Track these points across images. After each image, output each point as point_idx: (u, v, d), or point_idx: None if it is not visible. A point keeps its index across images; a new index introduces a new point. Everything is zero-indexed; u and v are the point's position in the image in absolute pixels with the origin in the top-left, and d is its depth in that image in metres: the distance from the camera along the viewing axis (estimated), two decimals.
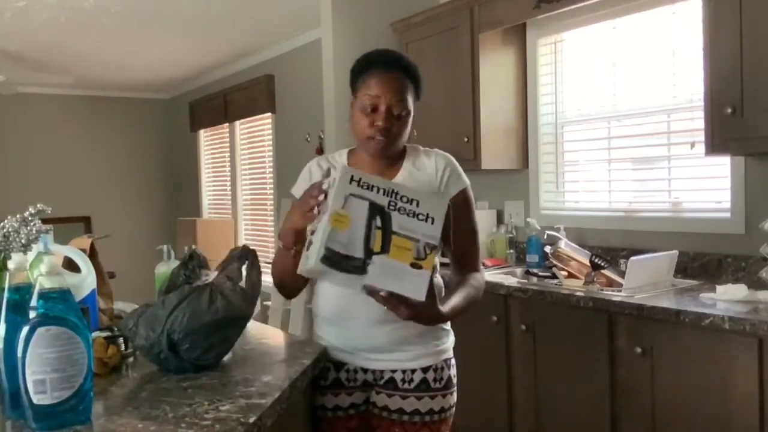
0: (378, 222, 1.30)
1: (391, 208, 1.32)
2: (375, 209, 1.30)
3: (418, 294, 1.31)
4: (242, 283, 1.47)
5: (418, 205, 1.33)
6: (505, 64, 3.27)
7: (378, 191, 1.32)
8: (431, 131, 3.45)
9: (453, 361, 1.67)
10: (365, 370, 1.61)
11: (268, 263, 1.72)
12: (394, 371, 1.59)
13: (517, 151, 3.32)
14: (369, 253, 1.29)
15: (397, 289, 1.30)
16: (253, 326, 1.78)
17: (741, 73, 2.16)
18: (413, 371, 1.59)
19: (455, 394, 1.66)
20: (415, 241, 1.32)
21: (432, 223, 1.33)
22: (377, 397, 1.62)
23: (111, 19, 4.40)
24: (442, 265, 1.70)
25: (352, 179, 1.30)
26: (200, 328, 1.36)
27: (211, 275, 1.51)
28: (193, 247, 1.68)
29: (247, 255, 1.52)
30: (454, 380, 1.66)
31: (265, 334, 1.85)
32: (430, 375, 1.60)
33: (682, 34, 2.68)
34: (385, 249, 1.30)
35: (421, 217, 1.33)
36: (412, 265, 1.31)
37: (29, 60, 5.52)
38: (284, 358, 1.64)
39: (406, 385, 1.58)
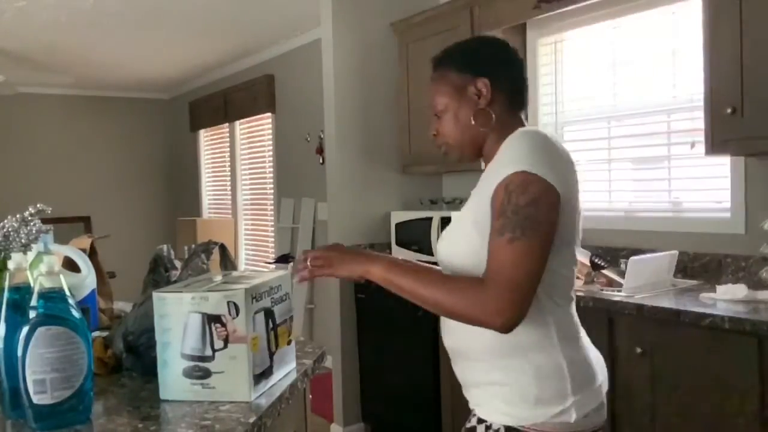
0: (270, 325, 1.30)
1: (274, 304, 1.32)
2: (268, 315, 1.29)
3: (293, 362, 1.41)
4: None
5: (279, 289, 1.35)
6: None
7: (264, 295, 1.29)
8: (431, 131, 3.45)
9: None
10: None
11: (269, 263, 1.72)
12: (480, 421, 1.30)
13: None
14: (271, 356, 1.30)
15: (284, 371, 1.36)
16: None
17: (741, 73, 2.15)
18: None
19: None
20: (287, 323, 1.37)
21: (288, 298, 1.38)
22: None
23: (111, 19, 4.40)
24: None
25: (252, 299, 1.23)
26: (152, 326, 1.29)
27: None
28: (158, 248, 1.68)
29: (210, 249, 1.52)
30: None
31: None
32: None
33: (682, 34, 2.68)
34: (278, 345, 1.33)
35: (284, 298, 1.37)
36: (288, 343, 1.39)
37: (29, 60, 5.52)
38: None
39: None
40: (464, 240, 1.26)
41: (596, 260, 2.58)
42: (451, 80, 1.33)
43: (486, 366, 1.26)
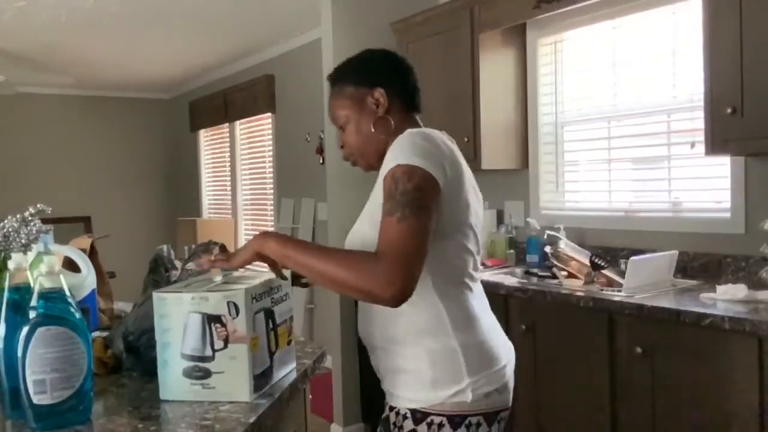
0: (270, 325, 1.30)
1: (274, 304, 1.32)
2: (268, 315, 1.29)
3: (293, 362, 1.41)
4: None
5: (279, 289, 1.35)
6: (505, 64, 3.27)
7: (264, 295, 1.29)
8: None
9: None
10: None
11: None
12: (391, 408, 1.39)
13: (517, 151, 3.31)
14: (271, 356, 1.30)
15: (284, 372, 1.36)
16: None
17: (741, 73, 2.16)
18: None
19: None
20: (286, 323, 1.37)
21: (288, 298, 1.38)
22: None
23: (111, 19, 4.40)
24: None
25: (253, 299, 1.23)
26: (153, 326, 1.28)
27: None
28: (158, 248, 1.68)
29: (210, 249, 1.51)
30: None
31: None
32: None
33: (682, 34, 2.68)
34: (278, 346, 1.32)
35: (284, 298, 1.37)
36: (288, 343, 1.38)
37: (29, 60, 5.52)
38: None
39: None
40: (365, 229, 1.37)
41: (596, 260, 2.58)
42: (350, 93, 1.45)
43: (389, 354, 1.36)
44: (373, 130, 1.43)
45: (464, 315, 1.35)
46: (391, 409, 1.37)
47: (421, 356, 1.31)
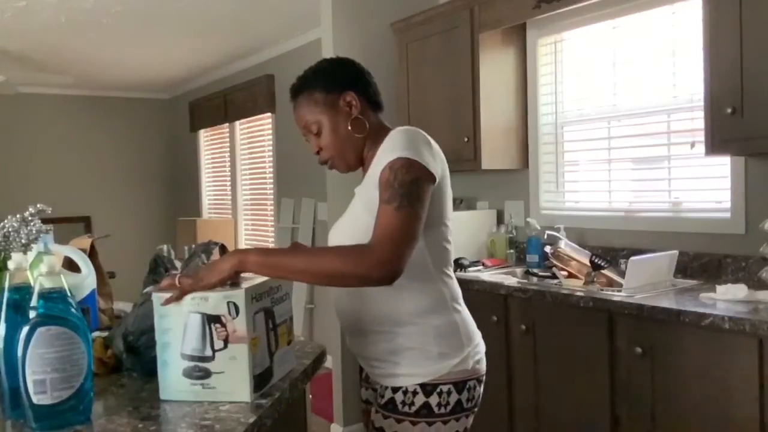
0: (270, 325, 1.30)
1: (273, 304, 1.32)
2: (268, 315, 1.30)
3: (293, 362, 1.42)
4: None
5: (279, 289, 1.36)
6: (505, 64, 3.27)
7: (264, 295, 1.29)
8: (431, 131, 3.44)
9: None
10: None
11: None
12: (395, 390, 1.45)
13: (517, 151, 3.31)
14: (271, 356, 1.30)
15: (284, 372, 1.36)
16: None
17: (741, 73, 2.16)
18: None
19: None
20: (286, 323, 1.38)
21: (288, 299, 1.40)
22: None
23: (111, 19, 4.40)
24: None
25: (253, 299, 1.23)
26: (153, 326, 1.27)
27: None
28: (158, 248, 1.68)
29: (210, 249, 1.52)
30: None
31: None
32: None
33: (682, 34, 2.68)
34: (278, 345, 1.33)
35: (284, 298, 1.38)
36: (288, 343, 1.39)
37: (29, 60, 5.52)
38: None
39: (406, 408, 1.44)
40: (356, 223, 1.46)
41: (596, 260, 2.58)
42: (320, 100, 1.51)
43: (390, 336, 1.44)
44: (350, 128, 1.51)
45: (455, 293, 1.51)
46: (395, 390, 1.44)
47: (428, 333, 1.43)
